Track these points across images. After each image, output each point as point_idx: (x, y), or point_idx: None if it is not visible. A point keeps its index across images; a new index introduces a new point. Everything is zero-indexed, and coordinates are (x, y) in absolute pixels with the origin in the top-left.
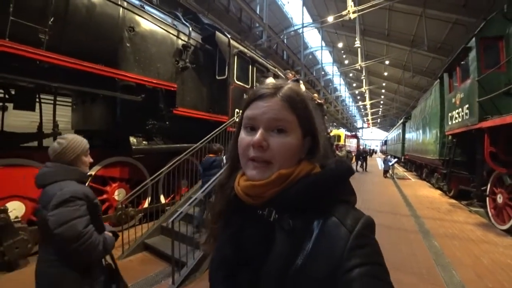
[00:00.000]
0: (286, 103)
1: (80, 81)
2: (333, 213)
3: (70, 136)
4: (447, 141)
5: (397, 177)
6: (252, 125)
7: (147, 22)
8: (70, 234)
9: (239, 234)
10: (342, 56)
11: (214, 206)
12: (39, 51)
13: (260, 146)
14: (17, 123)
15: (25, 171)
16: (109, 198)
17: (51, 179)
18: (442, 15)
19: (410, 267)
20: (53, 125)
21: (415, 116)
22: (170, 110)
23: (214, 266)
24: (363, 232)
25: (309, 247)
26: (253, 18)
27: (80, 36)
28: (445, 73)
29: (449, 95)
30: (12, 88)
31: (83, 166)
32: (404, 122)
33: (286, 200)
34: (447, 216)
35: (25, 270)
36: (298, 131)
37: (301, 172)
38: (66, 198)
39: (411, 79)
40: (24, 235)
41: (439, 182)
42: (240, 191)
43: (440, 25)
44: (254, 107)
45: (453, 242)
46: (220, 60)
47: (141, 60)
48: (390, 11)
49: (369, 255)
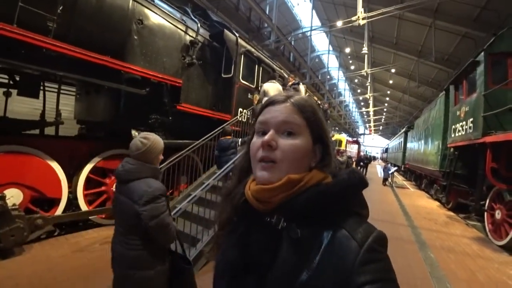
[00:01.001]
0: (296, 107)
1: (86, 71)
2: (343, 225)
3: (152, 136)
4: (448, 153)
5: (396, 186)
6: (264, 129)
7: (156, 15)
8: (161, 226)
9: (246, 240)
10: (348, 61)
11: (221, 214)
12: (47, 39)
13: (269, 145)
14: (20, 109)
15: (25, 158)
16: (108, 190)
17: (136, 176)
18: (451, 27)
19: (405, 278)
20: (56, 114)
21: (418, 126)
22: (174, 105)
23: (219, 270)
24: (374, 246)
25: (317, 259)
26: (262, 18)
27: (88, 26)
28: (451, 85)
29: (454, 107)
30: (17, 74)
31: (157, 164)
32: (406, 131)
33: (295, 208)
34: (444, 228)
35: (19, 259)
36: (307, 135)
37: (312, 179)
38: (156, 195)
39: (416, 88)
40: (20, 223)
41: (438, 194)
42: (250, 196)
43: (449, 37)
44: (266, 112)
45: (449, 255)
46: (226, 58)
47: (147, 54)
48: (400, 19)
49: (380, 271)
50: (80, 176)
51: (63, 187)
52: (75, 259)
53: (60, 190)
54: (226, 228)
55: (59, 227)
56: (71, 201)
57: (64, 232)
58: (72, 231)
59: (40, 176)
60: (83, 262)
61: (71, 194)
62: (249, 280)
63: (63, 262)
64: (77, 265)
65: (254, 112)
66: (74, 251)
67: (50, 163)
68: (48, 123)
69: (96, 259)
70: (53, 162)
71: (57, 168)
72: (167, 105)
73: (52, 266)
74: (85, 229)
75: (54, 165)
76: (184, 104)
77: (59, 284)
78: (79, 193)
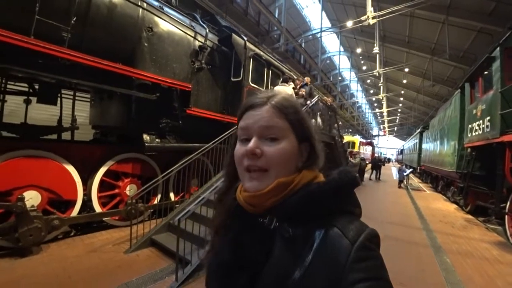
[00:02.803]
0: (276, 110)
1: (99, 78)
2: (335, 223)
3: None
4: (465, 154)
5: (411, 188)
6: (246, 136)
7: (165, 22)
8: None
9: (239, 239)
10: (360, 61)
11: (215, 219)
12: (62, 49)
13: (254, 154)
14: (39, 116)
15: (43, 162)
16: (121, 193)
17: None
18: (466, 23)
19: (418, 283)
20: (72, 120)
21: (433, 126)
22: (184, 109)
23: (212, 269)
24: (366, 244)
25: (309, 257)
26: (271, 21)
27: (100, 35)
28: (466, 83)
29: (470, 106)
30: (36, 83)
31: None
32: (421, 131)
33: (287, 209)
34: (461, 232)
35: (37, 257)
36: (291, 137)
37: (302, 180)
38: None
39: (430, 87)
40: (38, 224)
41: (455, 196)
42: (242, 200)
43: (464, 33)
44: (246, 117)
45: (466, 260)
46: (235, 62)
47: (157, 60)
48: (411, 17)
49: (372, 269)
50: (94, 179)
51: (79, 190)
52: (89, 259)
53: (76, 192)
54: (220, 232)
55: (75, 228)
56: (86, 203)
57: (79, 233)
58: (87, 232)
59: (57, 179)
60: (96, 262)
61: (86, 196)
62: (241, 280)
63: (78, 262)
64: (91, 265)
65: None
66: (88, 252)
67: (66, 167)
68: (64, 129)
69: (108, 260)
70: (69, 166)
71: (72, 172)
72: (177, 109)
73: (67, 265)
74: (99, 230)
75: (70, 169)
76: (194, 108)
77: (73, 283)
78: (94, 195)
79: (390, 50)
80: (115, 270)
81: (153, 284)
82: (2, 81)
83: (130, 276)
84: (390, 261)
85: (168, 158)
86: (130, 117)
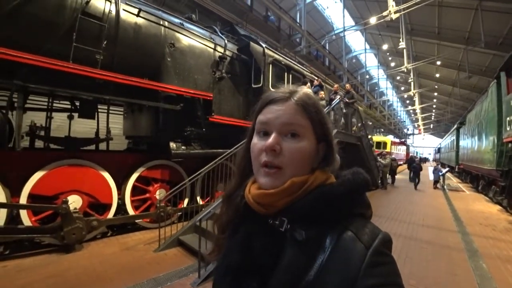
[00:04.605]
0: (300, 107)
1: (130, 93)
2: (349, 226)
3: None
4: (505, 149)
5: (449, 189)
6: (265, 130)
7: (186, 38)
8: None
9: (248, 241)
10: (388, 58)
11: (221, 217)
12: (96, 70)
13: (273, 150)
14: (80, 129)
15: (83, 170)
16: (151, 197)
17: None
18: (502, 7)
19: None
20: (107, 131)
21: (470, 121)
22: (207, 117)
23: (220, 272)
24: (380, 249)
25: (323, 260)
26: (292, 26)
27: (128, 54)
28: (501, 72)
29: (507, 96)
30: (76, 100)
31: None
32: (458, 127)
33: (299, 210)
34: (503, 235)
35: (79, 254)
36: (311, 137)
37: (315, 181)
38: None
39: (467, 80)
40: (80, 224)
41: (497, 196)
42: (251, 200)
43: (501, 18)
44: (267, 111)
45: (506, 266)
46: (255, 69)
47: (180, 73)
48: (439, 7)
49: (387, 275)
50: (127, 184)
51: (114, 194)
52: (123, 256)
53: (111, 196)
54: (226, 231)
55: (112, 229)
56: (120, 206)
57: (115, 233)
58: (122, 232)
59: (95, 184)
60: (129, 259)
61: (120, 200)
62: (251, 283)
63: (113, 258)
64: (124, 261)
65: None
66: (122, 250)
67: (103, 174)
68: (101, 140)
69: (139, 258)
70: (105, 173)
71: (108, 178)
72: (200, 117)
73: (104, 260)
74: (133, 231)
75: (106, 175)
76: (216, 116)
77: (109, 276)
78: (127, 199)
79: (419, 43)
80: (145, 266)
81: (178, 280)
82: (49, 101)
83: (158, 272)
84: (416, 265)
85: (195, 164)
86: (158, 127)
